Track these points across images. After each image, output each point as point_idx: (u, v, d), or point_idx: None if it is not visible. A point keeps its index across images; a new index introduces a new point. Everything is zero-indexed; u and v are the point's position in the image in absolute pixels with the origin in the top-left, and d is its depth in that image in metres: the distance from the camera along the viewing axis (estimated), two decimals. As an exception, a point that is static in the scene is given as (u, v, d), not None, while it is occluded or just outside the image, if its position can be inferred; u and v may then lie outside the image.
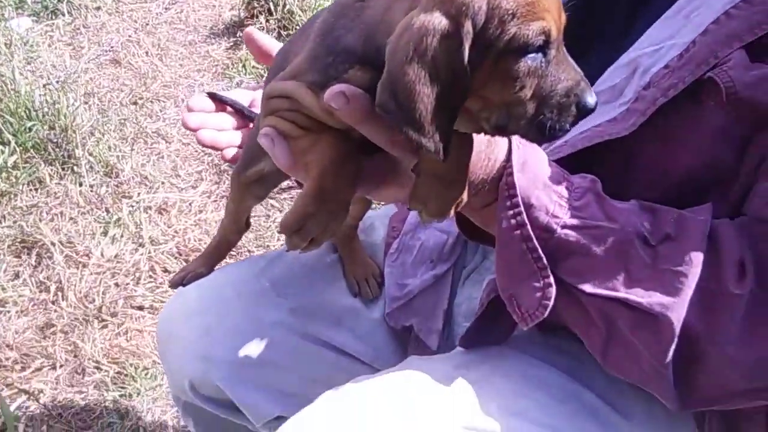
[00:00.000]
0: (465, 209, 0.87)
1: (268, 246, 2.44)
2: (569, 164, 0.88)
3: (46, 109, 2.71)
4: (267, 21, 3.54)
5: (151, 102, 3.14)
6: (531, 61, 0.63)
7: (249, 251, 2.44)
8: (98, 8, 3.76)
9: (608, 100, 0.91)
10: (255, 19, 3.62)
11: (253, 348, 1.15)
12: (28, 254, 2.36)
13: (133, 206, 2.55)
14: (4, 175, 2.54)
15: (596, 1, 1.00)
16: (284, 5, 3.51)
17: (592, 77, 0.95)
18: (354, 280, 1.23)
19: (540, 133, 0.66)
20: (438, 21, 0.60)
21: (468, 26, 0.60)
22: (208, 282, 1.21)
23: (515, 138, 0.80)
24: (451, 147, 0.65)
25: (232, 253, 2.06)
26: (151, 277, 2.34)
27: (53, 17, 3.67)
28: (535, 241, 0.78)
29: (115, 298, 2.26)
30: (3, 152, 2.54)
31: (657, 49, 0.88)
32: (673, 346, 0.76)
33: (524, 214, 0.78)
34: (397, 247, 1.23)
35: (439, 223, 0.78)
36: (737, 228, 0.80)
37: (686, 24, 0.85)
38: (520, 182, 0.79)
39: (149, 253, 2.41)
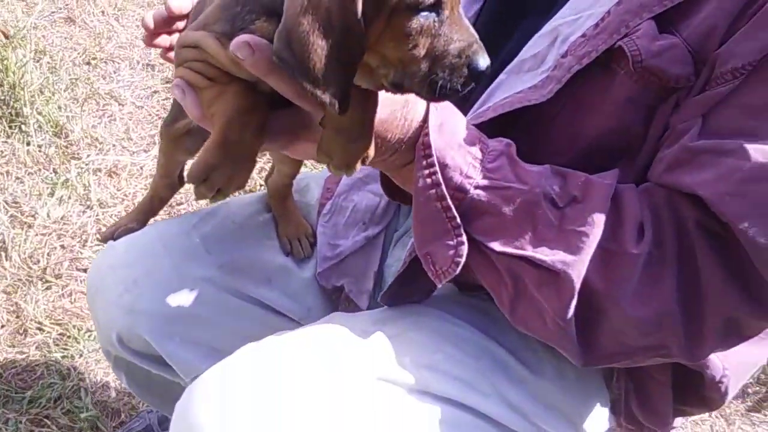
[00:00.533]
0: (384, 168, 0.89)
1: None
2: (491, 128, 0.90)
3: (-7, 66, 2.65)
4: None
5: (105, 63, 3.07)
6: (423, 19, 0.64)
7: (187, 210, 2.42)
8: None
9: (531, 68, 0.94)
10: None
11: (181, 302, 1.15)
12: (-30, 213, 2.32)
13: (82, 168, 2.51)
14: (-54, 132, 2.47)
15: None
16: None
17: (516, 51, 0.98)
18: (287, 240, 1.24)
19: (432, 91, 0.68)
20: None
21: None
22: (137, 236, 1.21)
23: None
24: (350, 101, 0.66)
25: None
26: (98, 240, 2.31)
27: (5, -29, 3.56)
28: (449, 200, 0.81)
29: (60, 260, 2.23)
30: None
31: (576, 18, 0.90)
32: (574, 302, 0.79)
33: (439, 174, 0.80)
34: (330, 209, 1.23)
35: (348, 177, 0.80)
36: (640, 192, 0.84)
37: None
38: (435, 143, 0.81)
39: (97, 215, 2.38)
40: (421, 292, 1.03)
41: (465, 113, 1.01)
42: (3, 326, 2.05)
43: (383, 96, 0.77)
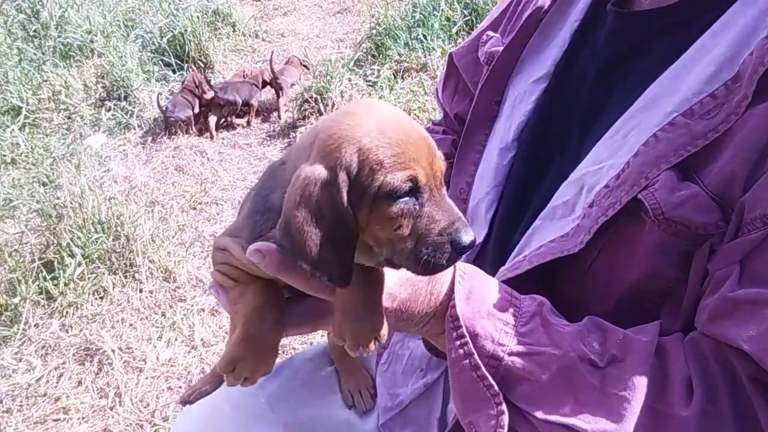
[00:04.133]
0: (419, 335, 0.90)
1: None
2: (531, 278, 0.91)
3: (111, 222, 2.92)
4: (318, 121, 3.72)
5: (209, 206, 3.33)
6: (404, 204, 0.69)
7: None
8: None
9: (563, 215, 0.94)
10: (307, 120, 3.81)
11: (249, 465, 1.18)
12: (90, 361, 2.51)
13: (187, 309, 2.68)
14: (71, 285, 2.73)
15: (555, 115, 1.04)
16: (333, 106, 3.69)
17: (549, 195, 0.98)
18: (348, 393, 1.25)
19: (419, 266, 0.71)
20: (318, 172, 0.67)
21: (343, 176, 0.67)
22: (210, 400, 1.26)
23: (458, 269, 0.84)
24: (350, 276, 0.70)
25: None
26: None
27: (126, 131, 4.00)
28: (484, 369, 0.80)
29: (167, 402, 2.35)
30: (69, 265, 2.73)
31: (599, 167, 0.90)
32: None
33: (471, 344, 0.81)
34: (387, 358, 1.24)
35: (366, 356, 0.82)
36: (687, 343, 0.80)
37: (623, 144, 0.88)
38: (464, 313, 0.82)
39: (201, 355, 2.51)
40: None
41: (504, 259, 1.02)
42: (115, 472, 2.16)
43: (407, 275, 0.81)
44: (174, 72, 4.53)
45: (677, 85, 0.84)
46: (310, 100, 3.83)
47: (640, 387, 0.76)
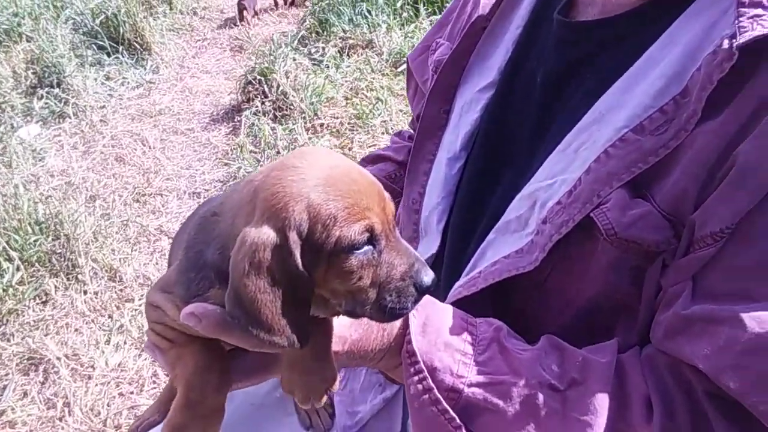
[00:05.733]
0: (380, 369, 0.87)
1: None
2: (487, 295, 0.89)
3: (50, 221, 2.79)
4: (262, 104, 3.62)
5: (154, 197, 3.21)
6: (362, 255, 0.65)
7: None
8: (102, 107, 3.90)
9: (516, 229, 0.93)
10: (251, 103, 3.70)
11: (204, 497, 1.13)
12: (35, 371, 2.40)
13: (135, 310, 2.59)
14: (10, 291, 2.60)
15: (503, 124, 1.01)
16: (278, 87, 3.58)
17: (501, 207, 0.96)
18: (305, 413, 1.21)
19: (383, 314, 0.68)
20: (266, 235, 0.62)
21: (294, 236, 0.62)
22: (159, 429, 1.20)
23: None
24: (308, 334, 0.66)
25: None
26: (154, 382, 2.35)
27: (60, 121, 3.81)
28: (444, 403, 0.78)
29: (119, 409, 2.27)
30: (7, 270, 2.60)
31: (551, 183, 0.88)
32: None
33: (429, 379, 0.78)
34: (344, 375, 1.20)
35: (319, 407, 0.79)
36: (644, 360, 0.79)
37: (575, 159, 0.85)
38: (420, 347, 0.79)
39: (152, 358, 2.42)
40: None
41: (459, 271, 0.98)
42: (68, 488, 2.09)
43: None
44: (108, 56, 4.33)
45: (626, 99, 0.81)
46: (253, 81, 3.71)
47: (601, 410, 0.75)
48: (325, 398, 0.74)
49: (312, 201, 0.62)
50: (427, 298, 0.84)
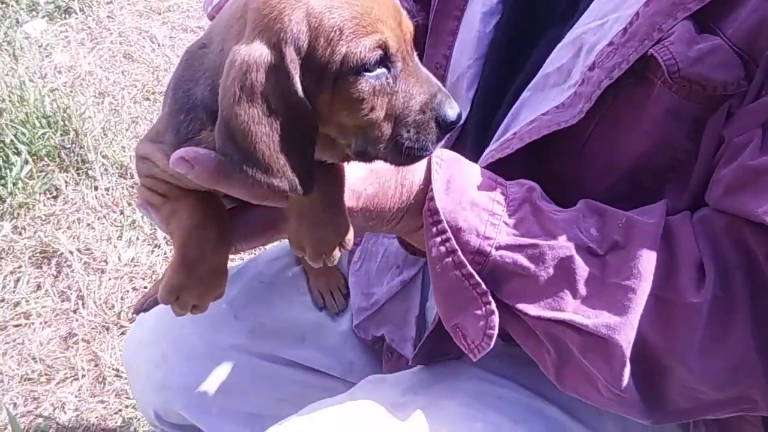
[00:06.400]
0: (392, 234, 0.80)
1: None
2: (519, 157, 0.80)
3: (58, 116, 2.71)
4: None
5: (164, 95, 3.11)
6: (374, 79, 0.56)
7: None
8: (109, 2, 3.75)
9: (556, 83, 0.83)
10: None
11: (213, 374, 1.10)
12: (48, 264, 2.38)
13: (145, 203, 2.54)
14: (20, 185, 2.55)
15: None
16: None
17: (537, 63, 0.87)
18: (318, 293, 1.16)
19: (400, 155, 0.60)
20: (259, 53, 0.53)
21: (291, 53, 0.53)
22: (165, 306, 1.16)
23: (434, 155, 0.73)
24: (313, 179, 0.58)
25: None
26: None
27: (67, 16, 3.67)
28: (469, 266, 0.71)
29: (133, 303, 2.26)
30: (16, 164, 2.54)
31: (601, 23, 0.78)
32: (627, 370, 0.69)
33: (453, 240, 0.71)
34: (360, 255, 1.14)
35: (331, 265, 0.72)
36: (696, 223, 0.71)
37: None
38: (444, 205, 0.71)
39: (165, 253, 2.40)
40: (457, 348, 0.92)
41: (488, 140, 0.90)
42: (84, 375, 2.09)
43: (370, 167, 0.69)
44: (115, -52, 4.13)
45: None
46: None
47: (645, 274, 0.68)
48: (338, 253, 0.67)
49: (312, 8, 0.53)
50: (451, 153, 0.76)
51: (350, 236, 0.68)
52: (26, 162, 2.58)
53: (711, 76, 0.67)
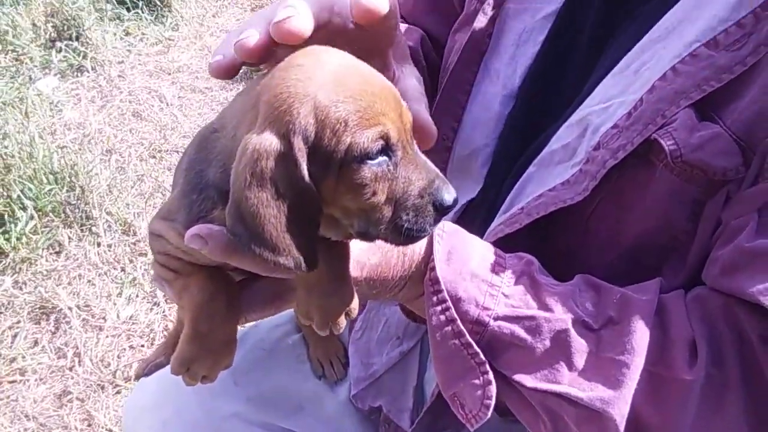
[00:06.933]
0: (395, 301, 0.82)
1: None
2: (526, 230, 0.83)
3: (65, 172, 2.76)
4: (282, 62, 3.55)
5: (170, 154, 3.16)
6: (376, 167, 0.59)
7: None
8: (121, 62, 3.85)
9: (561, 160, 0.86)
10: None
11: (212, 441, 1.10)
12: (46, 320, 2.39)
13: (148, 264, 2.56)
14: (24, 240, 2.58)
15: (552, 54, 0.94)
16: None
17: (544, 140, 0.90)
18: (318, 362, 1.17)
19: (399, 236, 0.62)
20: (269, 142, 0.56)
21: (299, 143, 0.56)
22: (166, 372, 1.16)
23: (437, 226, 0.76)
24: (317, 257, 0.61)
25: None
26: (164, 337, 2.32)
27: (79, 74, 3.77)
28: (467, 336, 0.73)
29: (129, 362, 2.26)
30: (21, 219, 2.57)
31: (606, 107, 0.82)
32: None
33: (453, 309, 0.73)
34: (361, 325, 1.16)
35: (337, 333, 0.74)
36: (691, 301, 0.74)
37: (635, 80, 0.79)
38: (444, 275, 0.74)
39: (163, 311, 2.40)
40: (454, 422, 0.93)
41: (494, 214, 0.93)
42: (77, 435, 2.07)
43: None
44: (128, 11, 4.25)
45: (698, 13, 0.74)
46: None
47: (639, 350, 0.70)
48: (344, 321, 0.69)
49: (319, 102, 0.56)
50: (453, 226, 0.79)
51: (355, 305, 0.70)
52: (31, 217, 2.61)
53: (711, 162, 0.71)
